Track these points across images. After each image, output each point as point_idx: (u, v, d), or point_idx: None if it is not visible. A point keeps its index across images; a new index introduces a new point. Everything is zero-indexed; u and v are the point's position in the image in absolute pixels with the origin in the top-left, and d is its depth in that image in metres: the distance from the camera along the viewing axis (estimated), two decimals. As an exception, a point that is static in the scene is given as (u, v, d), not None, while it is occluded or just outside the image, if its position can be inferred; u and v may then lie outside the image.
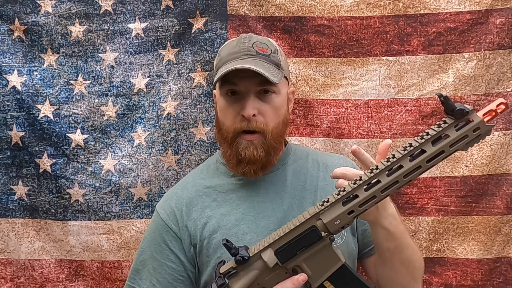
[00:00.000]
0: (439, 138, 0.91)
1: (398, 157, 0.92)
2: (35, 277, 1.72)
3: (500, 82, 1.65)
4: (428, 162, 0.91)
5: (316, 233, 0.96)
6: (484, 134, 0.90)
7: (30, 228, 1.71)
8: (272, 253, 0.98)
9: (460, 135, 0.89)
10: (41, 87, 1.67)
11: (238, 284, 0.99)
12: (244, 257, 0.98)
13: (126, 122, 1.70)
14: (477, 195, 1.66)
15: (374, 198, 0.94)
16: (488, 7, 1.62)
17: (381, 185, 0.92)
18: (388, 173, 0.92)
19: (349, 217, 0.95)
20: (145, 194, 1.71)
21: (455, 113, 0.89)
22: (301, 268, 0.99)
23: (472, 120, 0.89)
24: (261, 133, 1.19)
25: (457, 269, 1.68)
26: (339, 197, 0.95)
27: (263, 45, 1.24)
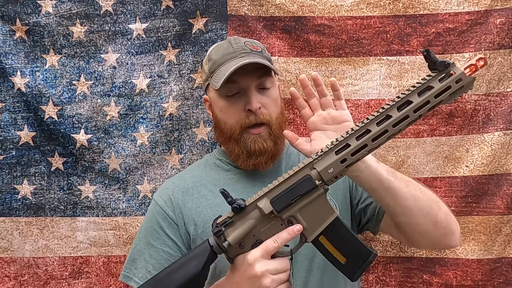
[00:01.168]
0: (424, 90, 0.96)
1: (387, 108, 0.97)
2: (39, 274, 1.75)
3: (501, 82, 1.65)
4: (415, 112, 0.96)
5: (311, 181, 0.99)
6: (466, 86, 0.97)
7: (34, 227, 1.74)
8: (268, 201, 1.00)
9: (444, 86, 0.96)
10: (44, 87, 1.69)
11: (234, 233, 1.00)
12: (240, 205, 1.00)
13: (129, 122, 1.72)
14: (477, 195, 1.66)
15: (365, 147, 0.99)
16: (488, 8, 1.62)
17: (371, 134, 0.98)
18: (378, 123, 0.98)
19: (341, 165, 0.99)
20: (150, 192, 1.73)
21: (437, 66, 0.95)
22: (296, 219, 1.00)
23: (454, 73, 0.96)
24: (267, 124, 1.26)
25: (457, 269, 1.68)
26: (332, 147, 1.00)
27: (253, 43, 1.33)
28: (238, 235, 1.00)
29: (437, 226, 1.19)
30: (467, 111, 1.65)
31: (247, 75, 1.24)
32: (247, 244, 1.01)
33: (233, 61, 1.24)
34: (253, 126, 1.26)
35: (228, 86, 1.25)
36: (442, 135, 1.66)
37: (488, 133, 1.65)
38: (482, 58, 0.97)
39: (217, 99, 1.30)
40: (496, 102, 1.65)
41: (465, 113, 1.65)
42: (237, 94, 1.26)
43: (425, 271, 1.70)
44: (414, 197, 1.15)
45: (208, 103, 1.38)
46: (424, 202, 1.17)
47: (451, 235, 1.24)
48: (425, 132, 1.67)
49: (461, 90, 0.97)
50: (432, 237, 1.21)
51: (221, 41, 1.67)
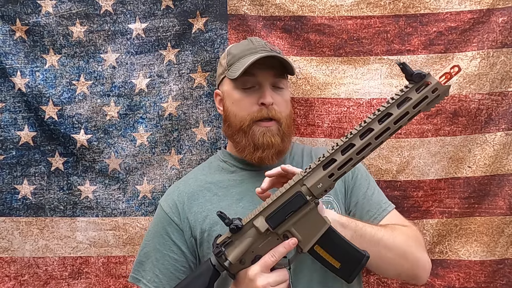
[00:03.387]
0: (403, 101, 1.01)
1: (368, 121, 1.02)
2: (39, 274, 1.74)
3: (503, 81, 1.63)
4: (396, 123, 1.01)
5: (302, 197, 1.04)
6: (443, 94, 1.01)
7: (34, 227, 1.74)
8: (263, 219, 1.05)
9: (421, 96, 1.00)
10: (44, 87, 1.69)
11: (234, 252, 1.06)
12: (237, 226, 1.05)
13: (128, 122, 1.72)
14: (479, 196, 1.64)
15: (350, 161, 1.03)
16: (490, 6, 1.61)
17: (356, 147, 1.02)
18: (361, 136, 1.02)
19: (330, 180, 1.04)
20: (150, 192, 1.73)
21: (414, 77, 1.00)
22: (291, 233, 1.06)
23: (430, 83, 1.00)
24: (277, 121, 1.30)
25: (460, 271, 1.66)
26: (319, 163, 1.05)
27: (273, 46, 1.40)
28: (238, 254, 1.06)
29: (402, 275, 1.32)
30: (471, 110, 1.63)
31: (265, 71, 1.29)
32: (247, 260, 1.07)
33: (254, 55, 1.28)
34: (263, 119, 1.29)
35: (245, 78, 1.29)
36: (447, 135, 1.64)
37: (490, 133, 1.63)
38: (456, 66, 1.01)
39: (231, 91, 1.33)
40: (498, 102, 1.63)
41: (469, 112, 1.63)
42: (252, 88, 1.30)
43: (427, 273, 1.69)
44: (380, 257, 1.20)
45: (219, 97, 1.40)
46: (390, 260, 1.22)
47: (416, 280, 1.33)
48: (429, 131, 1.65)
49: (437, 98, 1.01)
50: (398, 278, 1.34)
51: (221, 40, 1.68)
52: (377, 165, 1.66)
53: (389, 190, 1.64)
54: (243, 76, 1.28)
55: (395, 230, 1.26)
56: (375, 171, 1.65)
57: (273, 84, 1.31)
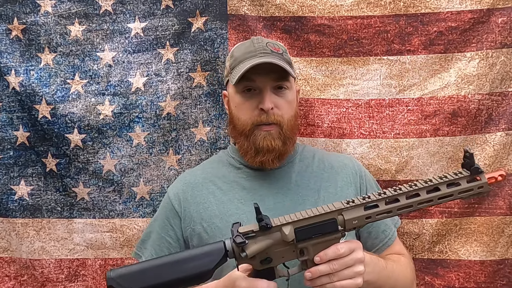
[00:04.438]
0: (453, 183, 1.07)
1: (419, 187, 1.07)
2: (36, 276, 1.72)
3: (504, 82, 1.63)
4: (439, 199, 1.08)
5: (335, 225, 1.06)
6: (484, 192, 1.08)
7: (30, 228, 1.71)
8: (292, 229, 1.06)
9: (469, 187, 1.07)
10: (38, 86, 1.67)
11: (253, 247, 1.05)
12: (268, 225, 1.04)
13: (123, 121, 1.70)
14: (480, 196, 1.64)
15: (389, 212, 1.07)
16: (490, 6, 1.61)
17: (399, 204, 1.07)
18: (407, 196, 1.07)
19: (365, 221, 1.07)
20: (147, 193, 1.71)
21: (472, 170, 1.07)
22: (308, 251, 1.07)
23: (479, 179, 1.07)
24: (278, 124, 1.28)
25: (459, 271, 1.66)
26: (363, 202, 1.07)
27: (275, 45, 1.34)
28: (256, 250, 1.05)
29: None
30: (470, 110, 1.63)
31: (265, 75, 1.27)
32: (258, 258, 1.07)
33: (252, 59, 1.27)
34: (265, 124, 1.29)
35: (245, 83, 1.28)
36: (446, 135, 1.64)
37: (490, 133, 1.63)
38: (503, 175, 1.08)
39: (234, 95, 1.33)
40: (498, 102, 1.63)
41: (468, 113, 1.64)
42: (253, 92, 1.29)
43: (427, 273, 1.69)
44: None
45: (227, 98, 1.40)
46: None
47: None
48: (428, 132, 1.65)
49: (479, 194, 1.09)
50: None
51: (221, 40, 1.66)
52: (376, 165, 1.66)
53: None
54: (242, 81, 1.27)
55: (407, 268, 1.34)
56: (374, 170, 1.65)
57: (275, 87, 1.29)
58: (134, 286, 1.00)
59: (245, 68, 1.24)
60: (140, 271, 1.03)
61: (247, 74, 1.26)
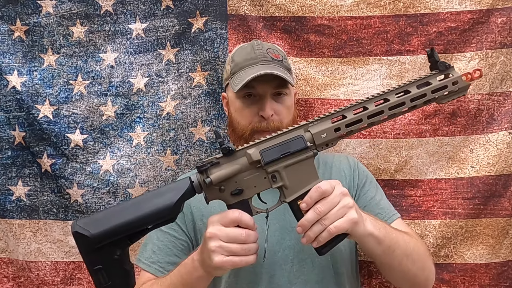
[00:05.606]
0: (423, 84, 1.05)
1: (386, 92, 1.04)
2: (32, 279, 1.70)
3: (504, 82, 1.62)
4: (412, 101, 1.04)
5: (302, 141, 1.02)
6: (461, 90, 1.05)
7: (27, 230, 1.69)
8: (257, 151, 1.02)
9: (441, 84, 1.04)
10: (41, 87, 1.67)
11: (219, 173, 1.01)
12: (230, 148, 1.01)
13: (125, 122, 1.69)
14: (484, 197, 1.61)
15: (359, 122, 1.04)
16: (489, 7, 1.61)
17: (368, 111, 1.03)
18: (376, 103, 1.04)
19: (335, 134, 1.04)
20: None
21: (439, 65, 1.04)
22: (280, 175, 1.02)
23: (452, 75, 1.05)
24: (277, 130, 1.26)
25: (465, 274, 1.62)
26: (329, 114, 1.04)
27: (275, 51, 1.38)
28: (222, 175, 1.01)
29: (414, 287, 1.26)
30: (470, 110, 1.62)
31: (265, 83, 1.30)
32: (227, 189, 1.02)
33: (254, 67, 1.30)
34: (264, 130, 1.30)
35: (245, 90, 1.31)
36: (445, 135, 1.63)
37: (493, 133, 1.61)
38: (478, 70, 1.05)
39: (234, 100, 1.36)
40: (499, 102, 1.62)
41: (468, 113, 1.62)
42: (253, 98, 1.32)
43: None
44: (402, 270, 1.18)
45: (226, 100, 1.43)
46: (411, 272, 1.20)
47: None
48: (427, 132, 1.63)
49: (455, 93, 1.06)
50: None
51: (221, 40, 1.67)
52: (375, 164, 1.64)
53: (386, 189, 1.62)
54: (244, 88, 1.30)
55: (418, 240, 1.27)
56: (373, 170, 1.63)
57: (274, 93, 1.33)
58: (97, 229, 0.98)
59: (247, 79, 1.27)
60: (106, 214, 1.02)
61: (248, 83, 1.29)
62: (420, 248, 1.24)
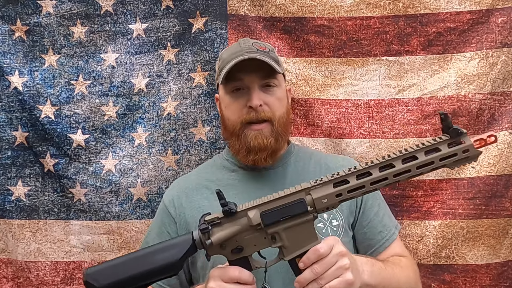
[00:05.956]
0: (432, 150, 0.98)
1: (392, 157, 0.99)
2: (31, 279, 1.70)
3: (505, 81, 1.62)
4: (418, 168, 0.98)
5: (303, 205, 1.00)
6: (471, 158, 0.99)
7: (27, 230, 1.69)
8: (258, 213, 1.02)
9: (451, 152, 0.98)
10: (42, 87, 1.68)
11: (219, 234, 1.02)
12: (231, 210, 1.01)
13: (127, 122, 1.70)
14: (485, 197, 1.61)
15: (362, 188, 1.00)
16: (489, 7, 1.61)
17: (372, 177, 0.99)
18: (380, 169, 0.99)
19: (336, 199, 1.01)
20: (145, 195, 1.69)
21: (450, 132, 0.97)
22: (280, 236, 1.02)
23: (464, 142, 0.98)
24: (269, 121, 1.27)
25: (467, 276, 1.62)
26: (331, 179, 1.01)
27: (262, 44, 1.34)
28: (222, 237, 1.02)
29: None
30: (472, 110, 1.62)
31: (252, 73, 1.27)
32: (228, 247, 1.03)
33: (237, 58, 1.27)
34: (255, 122, 1.27)
35: (233, 83, 1.28)
36: (446, 135, 1.62)
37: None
38: (493, 135, 0.99)
39: (223, 96, 1.33)
40: (500, 102, 1.62)
41: (469, 113, 1.62)
42: (241, 91, 1.29)
43: (433, 279, 1.64)
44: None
45: (219, 101, 1.40)
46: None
47: None
48: (427, 132, 1.63)
49: (465, 159, 1.00)
50: None
51: (221, 40, 1.68)
52: (376, 164, 1.64)
53: (387, 189, 1.61)
54: (230, 81, 1.28)
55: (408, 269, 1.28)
56: (374, 170, 1.62)
57: (263, 85, 1.29)
58: (106, 281, 1.03)
59: (230, 65, 1.24)
60: (114, 266, 1.06)
61: (235, 74, 1.26)
62: (410, 278, 1.26)
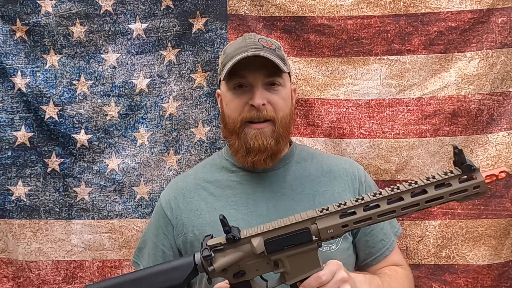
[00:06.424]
0: (442, 184, 0.96)
1: (402, 190, 0.97)
2: (32, 279, 1.70)
3: (504, 81, 1.62)
4: (427, 202, 0.96)
5: (308, 235, 0.99)
6: (482, 193, 0.96)
7: (27, 229, 1.70)
8: (262, 241, 1.00)
9: (461, 188, 0.95)
10: (45, 87, 1.68)
11: (222, 261, 1.01)
12: (235, 237, 1.00)
13: (129, 122, 1.71)
14: (485, 198, 1.61)
15: (369, 220, 0.98)
16: (490, 6, 1.61)
17: (379, 210, 0.97)
18: (388, 201, 0.97)
19: (341, 230, 0.99)
20: (147, 194, 1.70)
21: (463, 167, 0.95)
22: (283, 263, 1.01)
23: (475, 178, 0.95)
24: (271, 121, 1.22)
25: (468, 276, 1.62)
26: (338, 209, 0.99)
27: (268, 41, 1.28)
28: (225, 263, 1.01)
29: None
30: (471, 110, 1.62)
31: (256, 71, 1.21)
32: (230, 271, 1.03)
33: (242, 54, 1.20)
34: (256, 121, 1.22)
35: (237, 80, 1.23)
36: (446, 135, 1.63)
37: (492, 134, 1.61)
38: (504, 171, 0.96)
39: (225, 92, 1.27)
40: (499, 102, 1.62)
41: (469, 113, 1.62)
42: (244, 88, 1.23)
43: (434, 280, 1.64)
44: None
45: (220, 97, 1.34)
46: None
47: None
48: (428, 132, 1.63)
49: (475, 195, 0.97)
50: None
51: (221, 40, 1.67)
52: (376, 164, 1.64)
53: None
54: (233, 78, 1.23)
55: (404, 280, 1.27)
56: (374, 170, 1.63)
57: (267, 83, 1.23)
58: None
59: (234, 60, 1.19)
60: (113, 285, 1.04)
61: (238, 71, 1.21)
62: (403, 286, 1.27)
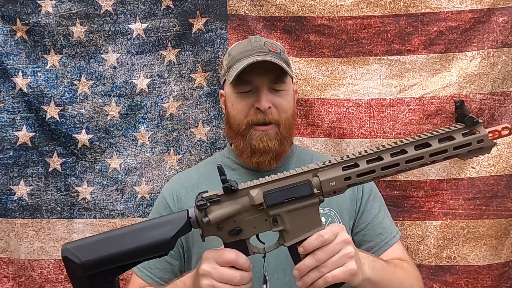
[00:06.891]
0: (446, 138, 0.96)
1: (405, 142, 0.96)
2: (34, 277, 1.71)
3: (505, 81, 1.61)
4: (431, 156, 0.95)
5: (309, 187, 0.95)
6: (486, 149, 0.96)
7: (30, 229, 1.71)
8: (261, 192, 0.96)
9: (465, 141, 0.95)
10: (46, 88, 1.69)
11: (218, 212, 0.95)
12: (232, 187, 0.95)
13: (129, 122, 1.71)
14: (486, 198, 1.61)
15: (372, 173, 0.95)
16: (490, 6, 1.60)
17: (383, 162, 0.95)
18: (392, 154, 0.95)
19: (344, 183, 0.96)
20: (148, 193, 1.71)
21: (465, 120, 0.95)
22: (282, 219, 0.96)
23: (478, 132, 0.96)
24: (276, 123, 1.24)
25: (469, 276, 1.62)
26: (341, 161, 0.96)
27: (273, 44, 1.31)
28: (221, 215, 0.95)
29: None
30: (472, 110, 1.61)
31: (262, 75, 1.23)
32: (226, 228, 0.97)
33: (249, 58, 1.23)
34: (261, 124, 1.24)
35: (242, 83, 1.25)
36: (447, 135, 1.63)
37: (493, 133, 1.60)
38: (507, 127, 0.96)
39: (230, 94, 1.29)
40: (500, 102, 1.61)
41: (470, 113, 1.61)
42: (250, 92, 1.25)
43: (435, 280, 1.64)
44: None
45: (223, 98, 1.37)
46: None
47: None
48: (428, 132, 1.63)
49: (479, 150, 0.97)
50: None
51: (221, 40, 1.67)
52: (377, 165, 1.64)
53: (388, 190, 1.62)
54: (239, 82, 1.24)
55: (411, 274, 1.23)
56: (375, 171, 1.63)
57: (272, 87, 1.25)
58: (88, 257, 0.92)
59: (242, 66, 1.21)
60: (98, 241, 0.96)
61: (245, 74, 1.22)
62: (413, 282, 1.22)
